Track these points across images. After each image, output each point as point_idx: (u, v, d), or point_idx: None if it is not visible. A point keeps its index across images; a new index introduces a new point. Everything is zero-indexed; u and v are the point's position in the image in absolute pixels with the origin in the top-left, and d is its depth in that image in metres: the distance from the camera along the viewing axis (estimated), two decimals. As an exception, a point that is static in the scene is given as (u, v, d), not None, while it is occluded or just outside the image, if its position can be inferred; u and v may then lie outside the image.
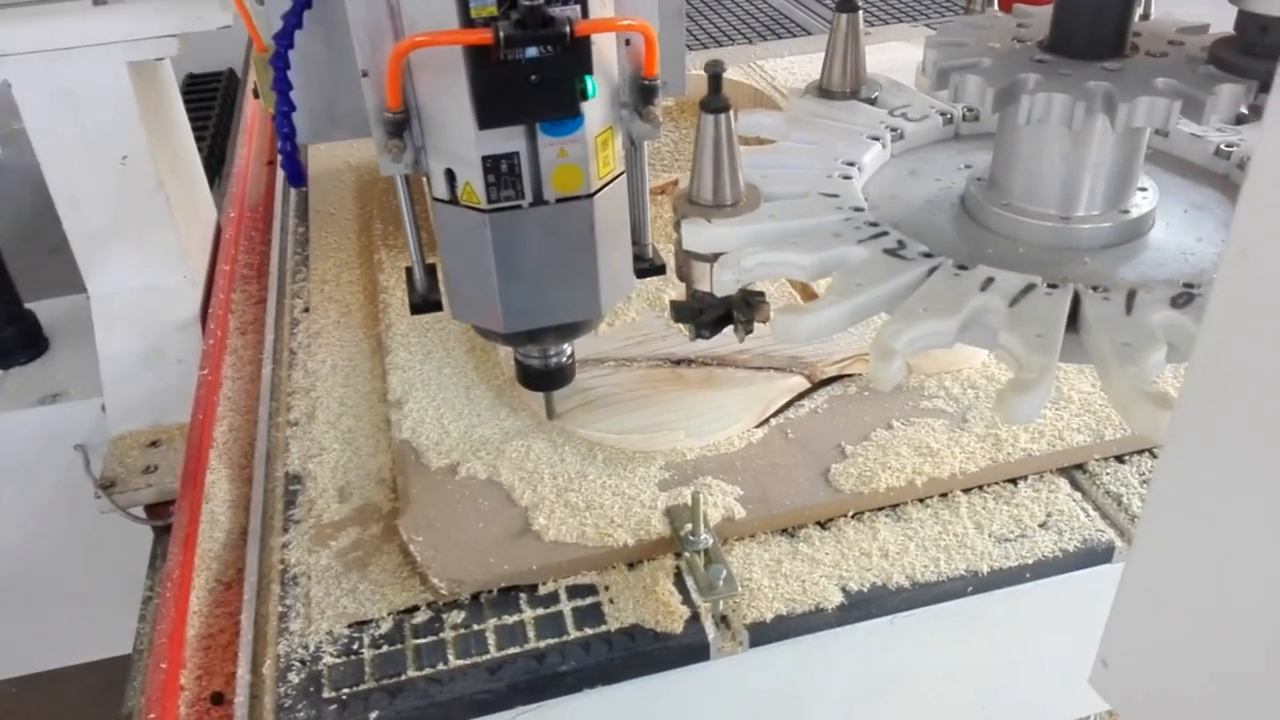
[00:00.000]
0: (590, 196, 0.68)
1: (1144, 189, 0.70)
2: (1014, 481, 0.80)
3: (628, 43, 0.67)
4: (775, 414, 0.85)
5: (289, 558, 0.76)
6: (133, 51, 1.06)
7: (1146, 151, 0.70)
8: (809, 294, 0.99)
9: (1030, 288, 0.61)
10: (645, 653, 0.68)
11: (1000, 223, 0.70)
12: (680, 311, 0.75)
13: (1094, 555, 0.75)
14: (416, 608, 0.71)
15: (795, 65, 1.49)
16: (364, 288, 1.08)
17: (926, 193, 0.76)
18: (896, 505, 0.78)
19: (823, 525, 0.77)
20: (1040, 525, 0.76)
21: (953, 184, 0.77)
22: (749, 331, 0.73)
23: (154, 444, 1.17)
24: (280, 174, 1.40)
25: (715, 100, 0.66)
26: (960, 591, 0.73)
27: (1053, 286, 0.61)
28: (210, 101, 2.27)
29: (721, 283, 0.67)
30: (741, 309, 0.72)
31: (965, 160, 0.80)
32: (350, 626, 0.70)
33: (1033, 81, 0.63)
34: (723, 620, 0.70)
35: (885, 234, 0.66)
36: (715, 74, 0.66)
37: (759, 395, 0.85)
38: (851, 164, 0.75)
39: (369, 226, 1.18)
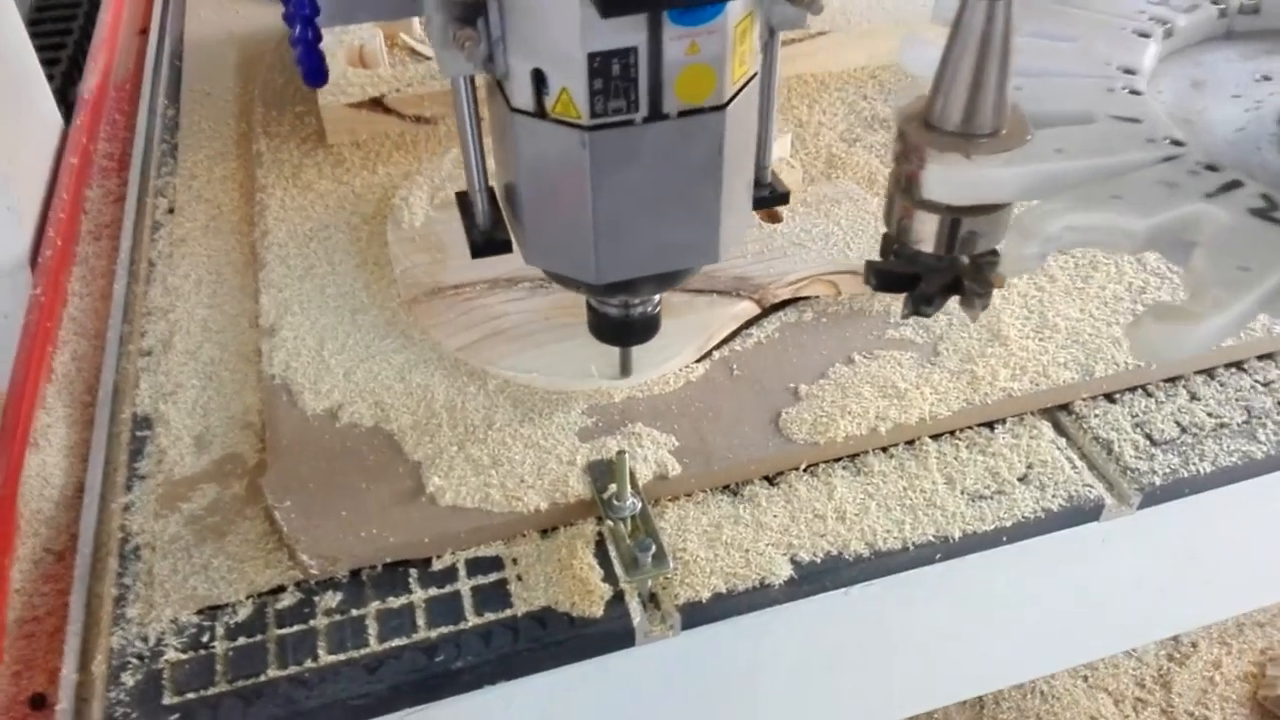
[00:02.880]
0: (722, 108, 0.52)
1: None
2: (990, 426, 0.69)
3: None
4: (718, 345, 0.73)
5: (131, 524, 0.63)
6: None
7: None
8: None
9: None
10: (558, 642, 0.57)
11: None
12: (886, 279, 0.52)
13: (1080, 514, 0.65)
14: (282, 588, 0.59)
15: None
16: (239, 184, 0.91)
17: (1228, 115, 0.55)
18: (856, 455, 0.67)
19: (771, 480, 0.65)
20: (1020, 479, 0.66)
21: (1259, 102, 0.56)
22: (985, 307, 0.52)
23: None
24: (154, 43, 1.21)
25: None
26: (927, 559, 0.62)
27: None
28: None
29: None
30: (972, 276, 0.51)
31: (1257, 69, 0.59)
32: (200, 613, 0.58)
33: None
34: (651, 600, 0.59)
35: (1239, 184, 0.45)
36: None
37: (700, 324, 0.72)
38: (1131, 72, 0.54)
39: (249, 110, 1.01)
